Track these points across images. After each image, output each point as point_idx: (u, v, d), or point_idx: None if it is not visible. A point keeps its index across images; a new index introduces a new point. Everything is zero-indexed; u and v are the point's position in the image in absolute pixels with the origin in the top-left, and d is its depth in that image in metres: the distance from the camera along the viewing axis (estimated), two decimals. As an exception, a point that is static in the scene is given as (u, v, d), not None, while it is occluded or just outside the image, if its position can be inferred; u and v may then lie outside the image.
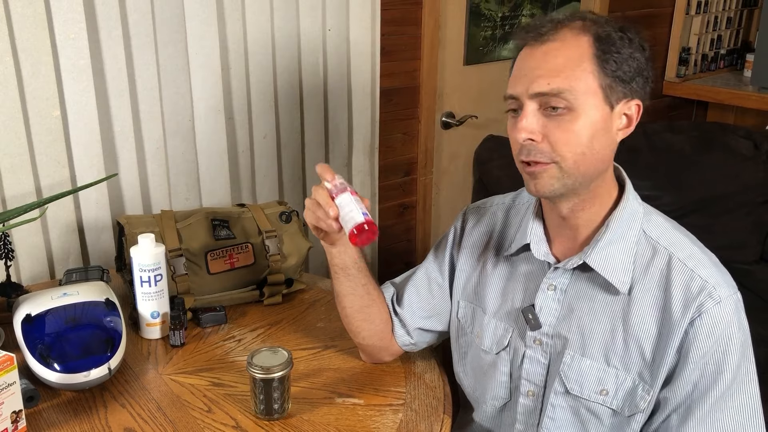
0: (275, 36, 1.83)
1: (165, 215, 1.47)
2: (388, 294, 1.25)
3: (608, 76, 0.95)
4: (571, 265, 1.03)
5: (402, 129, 2.28)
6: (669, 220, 1.06)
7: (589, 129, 0.95)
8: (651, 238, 1.01)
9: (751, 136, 2.28)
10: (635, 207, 1.03)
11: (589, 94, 0.94)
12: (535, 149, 0.96)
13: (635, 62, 0.96)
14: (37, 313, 1.18)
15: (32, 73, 1.49)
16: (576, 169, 0.96)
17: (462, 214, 1.25)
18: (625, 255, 1.00)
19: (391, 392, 1.17)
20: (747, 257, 2.22)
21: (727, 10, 3.33)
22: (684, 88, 3.19)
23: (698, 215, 2.16)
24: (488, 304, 1.14)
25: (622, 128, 0.99)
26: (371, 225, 1.02)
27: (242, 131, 1.84)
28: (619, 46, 0.95)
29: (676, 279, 0.97)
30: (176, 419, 1.10)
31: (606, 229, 1.01)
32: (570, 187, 0.98)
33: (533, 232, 1.08)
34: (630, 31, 0.97)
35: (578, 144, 0.95)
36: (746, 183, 2.22)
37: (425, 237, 2.47)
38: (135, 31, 1.60)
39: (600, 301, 1.02)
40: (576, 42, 0.95)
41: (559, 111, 0.94)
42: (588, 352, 1.02)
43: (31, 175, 1.54)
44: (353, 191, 1.06)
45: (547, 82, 0.94)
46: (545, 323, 1.06)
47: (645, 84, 0.98)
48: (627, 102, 0.97)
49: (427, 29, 2.21)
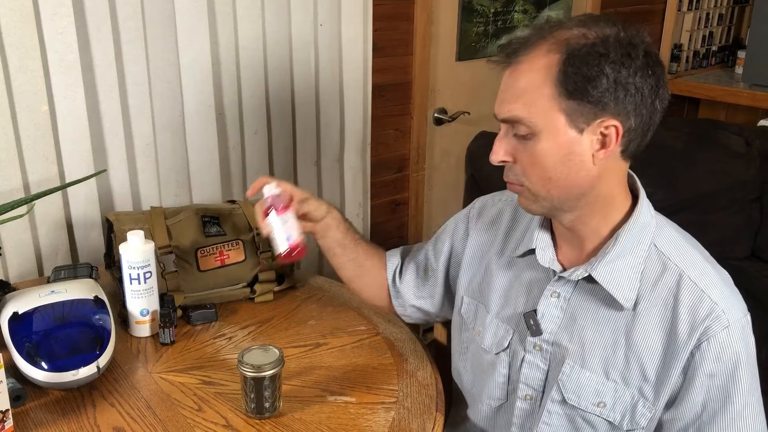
0: (266, 31, 1.82)
1: (154, 212, 1.46)
2: (392, 264, 1.31)
3: (572, 98, 0.89)
4: (576, 276, 1.01)
5: (394, 125, 2.28)
6: (682, 233, 1.03)
7: (553, 155, 0.92)
8: (662, 254, 0.98)
9: (743, 133, 2.29)
10: (647, 220, 1.00)
11: (549, 119, 0.91)
12: (510, 170, 0.97)
13: (610, 79, 0.88)
14: (24, 311, 1.17)
15: (19, 68, 1.47)
16: (546, 192, 0.95)
17: (470, 208, 1.24)
18: (632, 270, 0.97)
19: (384, 390, 1.16)
20: (738, 254, 2.23)
21: (718, 7, 3.34)
22: (676, 85, 3.19)
23: (690, 212, 2.17)
24: (491, 303, 1.13)
25: (599, 149, 0.93)
26: (294, 251, 1.08)
27: (233, 127, 1.83)
28: (592, 65, 0.88)
29: (685, 299, 0.95)
30: (166, 418, 1.09)
31: (615, 242, 0.97)
32: (551, 208, 0.98)
33: (539, 238, 1.06)
34: (616, 45, 0.88)
35: (543, 169, 0.93)
36: (738, 179, 2.22)
37: (417, 233, 2.46)
38: (124, 26, 1.59)
39: (603, 314, 1.00)
40: (545, 61, 0.90)
41: (525, 136, 0.93)
42: (588, 364, 1.01)
43: (18, 171, 1.52)
44: (285, 206, 1.07)
45: (508, 108, 0.93)
46: (546, 330, 1.04)
47: (631, 101, 0.90)
48: (600, 123, 0.91)
49: (419, 25, 2.20)
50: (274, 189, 1.14)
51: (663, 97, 0.94)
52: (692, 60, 3.32)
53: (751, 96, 2.93)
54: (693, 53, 3.31)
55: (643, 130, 0.94)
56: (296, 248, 1.06)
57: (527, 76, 0.92)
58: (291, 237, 1.08)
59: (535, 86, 0.91)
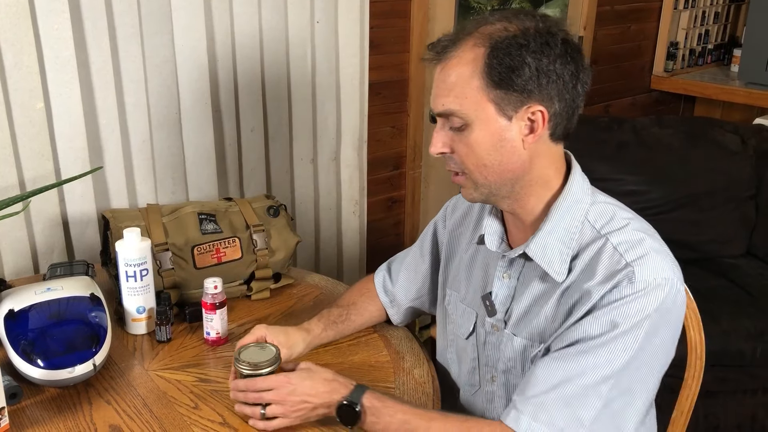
0: (263, 28, 1.82)
1: (151, 209, 1.45)
2: (379, 279, 1.35)
3: (499, 88, 0.95)
4: (513, 254, 1.07)
5: (390, 122, 2.28)
6: (619, 205, 1.06)
7: (486, 142, 0.98)
8: (594, 228, 1.02)
9: (738, 131, 2.29)
10: (578, 196, 1.03)
11: (480, 110, 0.96)
12: (450, 160, 1.03)
13: (532, 67, 0.94)
14: (20, 309, 1.17)
15: (15, 65, 1.46)
16: (484, 179, 1.01)
17: (446, 205, 1.30)
18: (563, 244, 1.02)
19: (380, 387, 1.16)
20: (734, 251, 2.24)
21: (714, 5, 3.35)
22: (672, 83, 3.20)
23: (686, 210, 2.17)
24: (461, 290, 1.19)
25: (528, 134, 0.98)
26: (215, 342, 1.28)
27: (229, 124, 1.82)
28: (514, 55, 0.94)
29: (604, 261, 0.98)
30: (162, 416, 1.09)
31: (546, 219, 1.03)
32: (490, 194, 1.03)
33: (488, 224, 1.12)
34: (536, 35, 0.94)
35: (478, 157, 0.99)
36: (733, 178, 2.23)
37: (414, 231, 2.46)
38: (120, 22, 1.58)
39: (541, 289, 1.05)
40: (471, 56, 0.96)
41: (459, 127, 0.98)
42: (523, 333, 1.05)
43: (14, 168, 1.52)
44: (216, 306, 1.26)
45: (441, 102, 0.99)
46: (500, 310, 1.09)
47: (553, 87, 0.96)
48: (527, 109, 0.96)
49: (416, 22, 2.20)
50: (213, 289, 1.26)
51: (584, 81, 0.99)
52: (688, 58, 3.33)
53: (747, 94, 2.94)
54: (689, 51, 3.32)
55: (568, 114, 1.00)
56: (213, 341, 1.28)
57: (456, 70, 0.97)
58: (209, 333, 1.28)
59: (464, 80, 0.96)
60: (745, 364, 1.88)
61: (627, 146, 2.19)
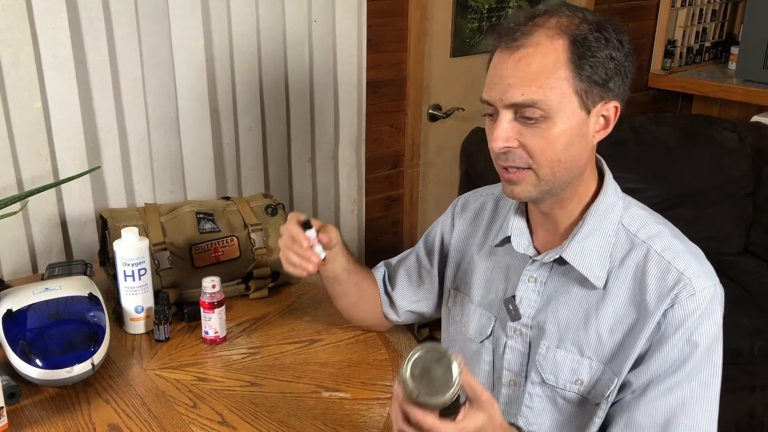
0: (260, 27, 1.81)
1: (149, 208, 1.45)
2: (379, 274, 1.30)
3: (584, 81, 0.92)
4: (548, 258, 1.03)
5: (389, 121, 2.28)
6: (650, 211, 1.06)
7: (565, 136, 0.94)
8: (629, 232, 1.01)
9: (736, 129, 2.30)
10: (613, 200, 1.02)
11: (565, 102, 0.92)
12: (513, 155, 0.96)
13: (612, 63, 0.93)
14: (18, 309, 1.17)
15: (12, 64, 1.46)
16: (552, 175, 0.97)
17: (454, 203, 1.26)
18: (601, 249, 1.00)
19: (378, 386, 1.17)
20: (731, 249, 2.24)
21: (712, 3, 3.35)
22: (669, 81, 3.20)
23: (684, 207, 2.18)
24: (474, 293, 1.16)
25: (599, 130, 0.97)
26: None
27: (227, 123, 1.82)
28: (595, 49, 0.92)
29: (653, 271, 0.97)
30: (161, 415, 1.09)
31: (583, 223, 1.01)
32: (548, 192, 0.99)
33: (514, 225, 1.08)
34: (607, 29, 0.94)
35: (554, 152, 0.94)
36: (731, 175, 2.23)
37: (412, 230, 2.46)
38: (118, 22, 1.58)
39: (576, 294, 1.02)
40: (551, 46, 0.92)
41: (536, 119, 0.93)
42: (563, 343, 1.03)
43: (12, 167, 1.52)
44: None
45: (521, 92, 0.92)
46: (525, 314, 1.07)
47: (623, 82, 0.96)
48: (604, 104, 0.95)
49: (413, 21, 2.20)
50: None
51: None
52: (686, 56, 3.33)
53: (745, 92, 2.94)
54: (686, 49, 3.32)
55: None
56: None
57: (539, 59, 0.92)
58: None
59: (549, 70, 0.92)
60: (743, 362, 1.88)
61: (625, 144, 2.19)
